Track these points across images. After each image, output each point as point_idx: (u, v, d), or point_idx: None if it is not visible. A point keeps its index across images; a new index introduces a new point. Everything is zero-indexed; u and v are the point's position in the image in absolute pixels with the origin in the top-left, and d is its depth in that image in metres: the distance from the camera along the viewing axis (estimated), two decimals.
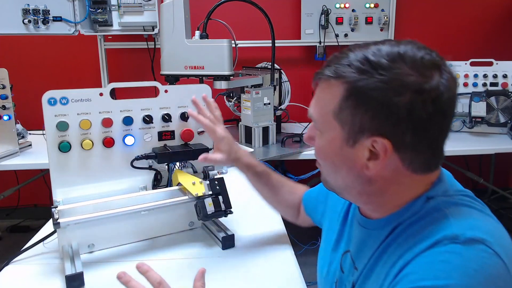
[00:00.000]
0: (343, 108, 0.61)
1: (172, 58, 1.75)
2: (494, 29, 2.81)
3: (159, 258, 1.00)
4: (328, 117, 0.63)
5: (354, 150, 0.62)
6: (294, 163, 2.02)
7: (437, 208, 0.62)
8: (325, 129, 0.65)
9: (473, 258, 0.53)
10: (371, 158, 0.61)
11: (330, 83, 0.62)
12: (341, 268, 0.79)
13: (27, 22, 2.13)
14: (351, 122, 0.61)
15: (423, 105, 0.57)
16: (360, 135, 0.60)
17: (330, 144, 0.65)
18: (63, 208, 0.96)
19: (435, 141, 0.62)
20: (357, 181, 0.65)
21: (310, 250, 2.37)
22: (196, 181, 1.04)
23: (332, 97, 0.62)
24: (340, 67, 0.61)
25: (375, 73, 0.58)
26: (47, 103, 0.94)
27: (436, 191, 0.65)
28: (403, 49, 0.59)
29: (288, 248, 1.05)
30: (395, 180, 0.63)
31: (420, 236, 0.60)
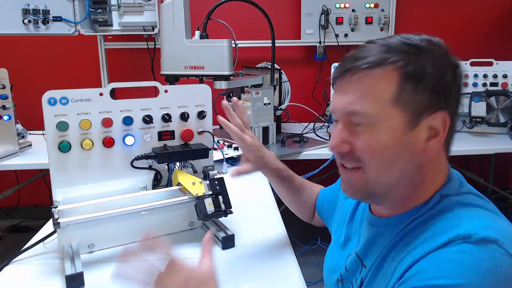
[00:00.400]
0: (403, 92, 0.61)
1: (172, 58, 1.75)
2: (494, 29, 2.81)
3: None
4: (385, 106, 0.62)
5: (414, 133, 0.62)
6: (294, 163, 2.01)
7: (450, 207, 0.63)
8: (380, 121, 0.62)
9: (486, 258, 0.53)
10: (430, 137, 0.63)
11: (377, 73, 0.62)
12: (345, 267, 0.79)
13: (27, 22, 2.13)
14: (412, 103, 0.61)
15: (460, 80, 0.64)
16: (422, 115, 0.62)
17: (389, 134, 0.62)
18: (63, 208, 0.96)
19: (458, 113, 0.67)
20: (412, 170, 0.64)
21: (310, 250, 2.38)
22: (196, 181, 1.04)
23: (386, 85, 0.61)
24: (384, 54, 0.62)
25: (422, 55, 0.62)
26: (47, 103, 0.94)
27: (449, 189, 0.66)
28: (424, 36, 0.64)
29: (288, 248, 1.05)
30: (437, 165, 0.66)
31: (431, 233, 0.60)
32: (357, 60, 0.63)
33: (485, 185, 2.64)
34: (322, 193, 1.07)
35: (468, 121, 2.22)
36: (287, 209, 1.15)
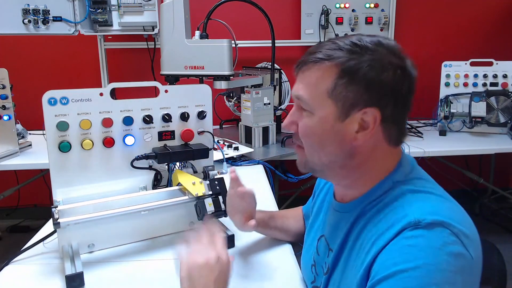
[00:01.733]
0: (337, 86, 0.68)
1: (172, 58, 1.75)
2: (494, 29, 2.81)
3: (159, 258, 1.00)
4: (322, 96, 0.70)
5: (344, 125, 0.69)
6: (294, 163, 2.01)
7: (402, 195, 0.69)
8: (316, 109, 0.71)
9: (435, 238, 0.60)
10: (359, 130, 0.69)
11: (323, 66, 0.69)
12: (317, 251, 0.85)
13: (27, 22, 2.13)
14: (344, 98, 0.68)
15: (402, 82, 0.68)
16: (352, 109, 0.68)
17: (322, 122, 0.70)
18: (63, 208, 0.96)
19: (405, 115, 0.72)
20: (341, 155, 0.72)
21: None
22: (196, 181, 1.04)
23: (326, 77, 0.69)
24: (331, 51, 0.69)
25: (364, 54, 0.67)
26: (47, 103, 0.94)
27: (400, 174, 0.72)
28: (377, 38, 0.70)
29: (288, 248, 1.05)
30: (373, 153, 0.72)
31: (388, 223, 0.66)
32: (310, 54, 0.72)
33: (485, 185, 2.64)
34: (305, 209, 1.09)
35: (468, 121, 2.22)
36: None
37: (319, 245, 0.85)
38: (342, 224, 0.77)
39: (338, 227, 0.79)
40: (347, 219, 0.76)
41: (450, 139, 2.18)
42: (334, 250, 0.77)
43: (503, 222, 2.76)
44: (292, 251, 1.04)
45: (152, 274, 0.93)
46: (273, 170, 1.80)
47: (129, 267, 0.96)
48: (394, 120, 0.70)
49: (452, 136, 2.23)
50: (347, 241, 0.74)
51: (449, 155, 2.04)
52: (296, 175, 1.98)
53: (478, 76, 2.33)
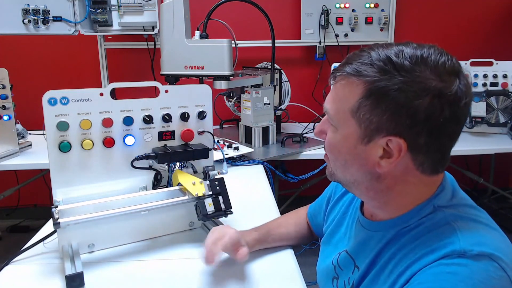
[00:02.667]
0: (362, 107, 0.62)
1: (172, 58, 1.75)
2: (494, 29, 2.81)
3: (159, 258, 1.00)
4: (346, 114, 0.65)
5: (368, 148, 0.64)
6: (294, 163, 2.02)
7: (446, 221, 0.63)
8: (340, 126, 0.66)
9: (479, 271, 0.55)
10: (383, 156, 0.63)
11: (350, 81, 0.63)
12: (338, 265, 0.81)
13: (27, 22, 2.13)
14: (368, 121, 0.62)
15: (440, 110, 0.59)
16: (375, 134, 0.62)
17: (344, 141, 0.66)
18: (63, 208, 0.96)
19: (445, 145, 0.64)
20: (366, 177, 0.67)
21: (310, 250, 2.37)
22: (196, 181, 1.04)
23: (351, 95, 0.63)
24: (362, 66, 0.62)
25: (397, 74, 0.59)
26: (48, 103, 0.94)
27: (442, 199, 0.67)
28: (426, 52, 0.60)
29: (288, 248, 1.05)
30: (404, 178, 0.65)
31: (428, 248, 0.61)
32: (344, 64, 0.66)
33: (485, 185, 2.64)
34: (311, 209, 1.07)
35: (468, 121, 2.22)
36: (287, 209, 1.15)
37: (340, 259, 0.81)
38: (371, 243, 0.72)
39: (366, 245, 0.74)
40: (378, 239, 0.71)
41: None
42: (361, 269, 0.73)
43: (503, 222, 2.76)
44: (293, 252, 1.04)
45: (152, 274, 0.93)
46: (273, 170, 1.80)
47: (129, 267, 0.96)
48: (428, 151, 0.62)
49: None
50: (377, 261, 0.70)
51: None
52: (296, 175, 1.98)
53: (478, 76, 2.33)
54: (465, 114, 0.62)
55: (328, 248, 0.89)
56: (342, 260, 0.80)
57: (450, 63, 0.60)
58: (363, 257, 0.74)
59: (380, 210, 0.72)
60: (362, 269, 0.73)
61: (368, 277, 0.71)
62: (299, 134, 2.11)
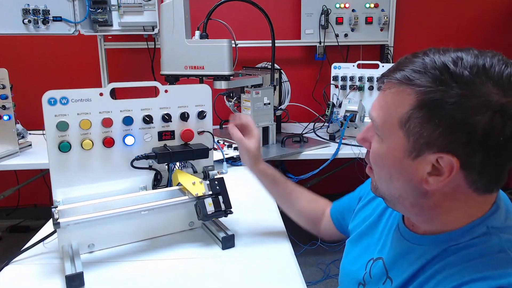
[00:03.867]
0: (412, 119, 0.56)
1: (172, 58, 1.75)
2: (494, 29, 2.81)
3: (159, 258, 1.00)
4: (393, 125, 0.59)
5: (415, 163, 0.58)
6: (294, 163, 2.02)
7: (501, 248, 0.58)
8: (386, 136, 0.61)
9: None
10: (432, 174, 0.58)
11: (401, 89, 0.58)
12: (369, 274, 0.77)
13: (27, 22, 2.14)
14: (418, 134, 0.56)
15: (502, 127, 0.52)
16: (425, 149, 0.57)
17: (390, 153, 0.61)
18: (63, 208, 0.96)
19: (503, 164, 0.57)
20: (412, 193, 0.62)
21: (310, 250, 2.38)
22: (196, 181, 1.04)
23: (402, 105, 0.58)
24: (414, 73, 0.56)
25: (455, 86, 0.53)
26: (47, 103, 0.94)
27: (496, 220, 0.61)
28: (489, 62, 0.54)
29: (288, 248, 1.05)
30: (454, 196, 0.60)
31: (480, 274, 0.56)
32: (395, 70, 0.60)
33: None
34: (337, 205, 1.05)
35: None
36: None
37: (373, 267, 0.76)
38: (411, 257, 0.67)
39: (405, 258, 0.69)
40: (421, 254, 0.65)
41: None
42: (395, 282, 0.68)
43: None
44: (293, 251, 1.03)
45: (152, 274, 0.93)
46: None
47: (129, 267, 0.96)
48: (483, 170, 0.56)
49: None
50: (417, 277, 0.64)
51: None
52: (296, 175, 1.98)
53: None
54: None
55: (356, 249, 0.85)
56: (375, 268, 0.75)
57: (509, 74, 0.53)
58: (399, 270, 0.69)
59: (425, 224, 0.67)
60: (397, 282, 0.68)
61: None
62: (299, 134, 2.11)
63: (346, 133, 2.07)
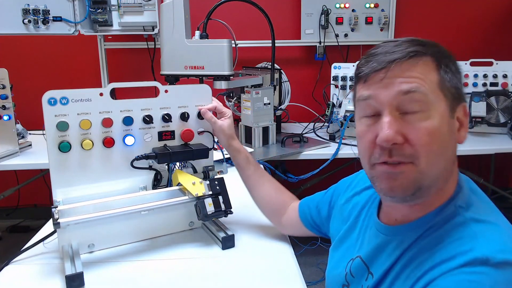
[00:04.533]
0: (443, 79, 0.64)
1: (172, 58, 1.75)
2: (494, 29, 2.81)
3: (159, 258, 1.00)
4: (436, 90, 0.64)
5: (454, 121, 0.66)
6: (294, 163, 2.02)
7: (465, 226, 0.62)
8: (432, 106, 0.62)
9: (503, 281, 0.54)
10: (459, 128, 0.67)
11: (422, 60, 0.64)
12: (350, 273, 0.78)
13: (27, 22, 2.14)
14: (450, 91, 0.65)
15: None
16: (457, 103, 0.66)
17: (441, 120, 0.63)
18: (63, 208, 0.96)
19: None
20: (452, 159, 0.67)
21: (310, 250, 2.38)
22: (196, 181, 1.04)
23: (432, 71, 0.64)
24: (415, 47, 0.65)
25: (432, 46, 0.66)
26: (47, 103, 0.94)
27: (462, 199, 0.66)
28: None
29: (288, 248, 1.05)
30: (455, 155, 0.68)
31: (448, 254, 0.59)
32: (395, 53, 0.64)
33: (485, 185, 2.64)
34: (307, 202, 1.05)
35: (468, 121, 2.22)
36: None
37: (353, 266, 0.78)
38: (389, 249, 0.70)
39: (382, 250, 0.71)
40: (397, 244, 0.68)
41: None
42: (376, 275, 0.71)
43: None
44: (292, 251, 1.04)
45: (152, 274, 0.93)
46: (273, 170, 1.80)
47: (129, 267, 0.96)
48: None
49: None
50: (395, 267, 0.67)
51: None
52: (296, 175, 1.98)
53: (478, 76, 2.33)
54: None
55: (338, 254, 0.87)
56: (355, 267, 0.78)
57: None
58: (378, 263, 0.71)
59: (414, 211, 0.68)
60: (377, 276, 0.70)
61: (385, 283, 0.68)
62: (299, 134, 2.11)
63: (346, 133, 2.07)
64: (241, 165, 1.13)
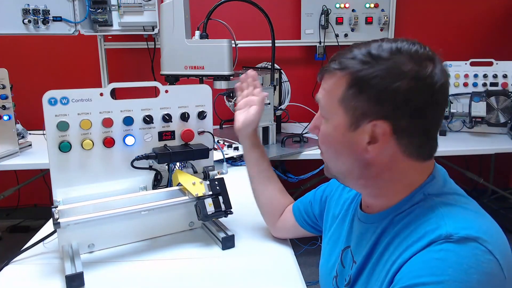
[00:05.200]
0: (347, 96, 0.67)
1: (172, 58, 1.75)
2: (494, 29, 2.81)
3: (159, 258, 1.00)
4: (334, 105, 0.69)
5: (356, 135, 0.67)
6: (294, 163, 2.02)
7: (434, 208, 0.65)
8: (330, 116, 0.71)
9: (467, 256, 0.56)
10: (370, 142, 0.67)
11: (336, 75, 0.69)
12: (341, 263, 0.82)
13: (27, 22, 2.13)
14: (354, 108, 0.66)
15: (419, 92, 0.63)
16: (362, 120, 0.66)
17: (335, 130, 0.70)
18: (63, 208, 0.96)
19: (429, 128, 0.67)
20: (356, 165, 0.70)
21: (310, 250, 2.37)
22: (196, 181, 1.04)
23: (338, 87, 0.68)
24: (345, 60, 0.68)
25: (376, 64, 0.64)
26: (48, 103, 0.94)
27: (432, 188, 0.69)
28: (400, 44, 0.66)
29: (288, 248, 1.05)
30: (392, 164, 0.68)
31: (416, 236, 0.63)
32: (329, 62, 0.71)
33: (485, 185, 2.64)
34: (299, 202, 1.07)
35: (468, 121, 2.22)
36: None
37: (344, 257, 0.82)
38: (367, 236, 0.75)
39: (363, 238, 0.76)
40: (373, 231, 0.73)
41: (450, 139, 2.17)
42: (357, 262, 0.74)
43: (503, 222, 2.76)
44: (292, 251, 1.04)
45: (152, 274, 0.93)
46: None
47: (129, 267, 0.96)
48: (412, 134, 0.65)
49: (452, 136, 2.23)
50: (373, 253, 0.71)
51: (449, 155, 2.04)
52: (296, 175, 1.97)
53: (478, 76, 2.33)
54: (444, 96, 0.67)
55: (329, 247, 0.90)
56: (345, 257, 0.81)
57: (423, 50, 0.66)
58: (359, 250, 0.75)
59: (375, 199, 0.75)
60: (358, 262, 0.74)
61: (366, 270, 0.72)
62: (299, 134, 2.11)
63: None
64: (257, 158, 1.10)
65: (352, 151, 0.69)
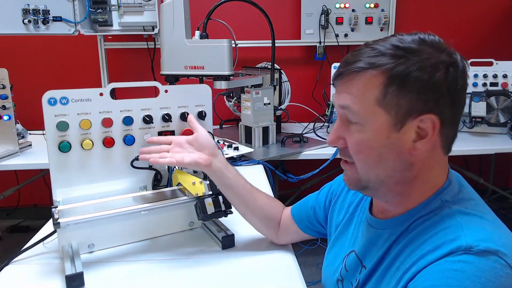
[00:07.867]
0: (388, 94, 0.63)
1: (172, 58, 1.75)
2: (494, 29, 2.81)
3: (159, 258, 1.00)
4: (371, 107, 0.64)
5: (401, 134, 0.64)
6: (294, 163, 2.02)
7: (452, 216, 0.64)
8: (368, 120, 0.66)
9: (486, 269, 0.55)
10: (417, 139, 0.64)
11: (364, 75, 0.64)
12: (345, 267, 0.80)
13: (27, 22, 2.13)
14: (397, 106, 0.63)
15: (457, 79, 0.63)
16: (407, 117, 0.63)
17: (376, 134, 0.65)
18: (63, 208, 0.96)
19: (461, 113, 0.67)
20: (399, 168, 0.66)
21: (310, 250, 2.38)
22: (196, 181, 1.04)
23: (372, 87, 0.64)
24: (373, 58, 0.64)
25: (411, 56, 0.62)
26: (47, 103, 0.94)
27: (449, 194, 0.67)
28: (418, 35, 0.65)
29: (288, 248, 1.05)
30: (429, 161, 0.67)
31: (434, 244, 0.61)
32: (349, 64, 0.66)
33: (485, 185, 2.64)
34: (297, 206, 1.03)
35: (468, 121, 2.22)
36: None
37: (347, 260, 0.80)
38: (380, 241, 0.72)
39: (374, 244, 0.73)
40: (387, 237, 0.71)
41: None
42: (368, 267, 0.73)
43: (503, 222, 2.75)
44: (292, 251, 1.04)
45: (152, 274, 0.93)
46: (273, 170, 1.80)
47: (129, 267, 0.96)
48: (453, 122, 0.66)
49: None
50: (385, 258, 0.69)
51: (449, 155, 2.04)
52: (296, 175, 1.98)
53: (478, 76, 2.33)
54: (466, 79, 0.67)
55: (334, 250, 0.88)
56: (349, 261, 0.80)
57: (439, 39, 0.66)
58: (370, 256, 0.73)
59: (396, 206, 0.71)
60: (369, 267, 0.72)
61: (375, 275, 0.70)
62: (299, 134, 2.12)
63: None
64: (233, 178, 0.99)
65: (398, 152, 0.65)
